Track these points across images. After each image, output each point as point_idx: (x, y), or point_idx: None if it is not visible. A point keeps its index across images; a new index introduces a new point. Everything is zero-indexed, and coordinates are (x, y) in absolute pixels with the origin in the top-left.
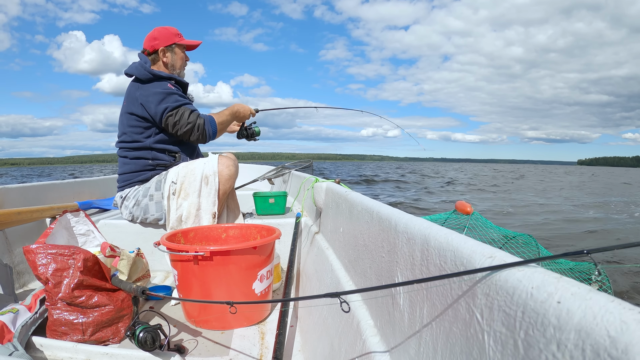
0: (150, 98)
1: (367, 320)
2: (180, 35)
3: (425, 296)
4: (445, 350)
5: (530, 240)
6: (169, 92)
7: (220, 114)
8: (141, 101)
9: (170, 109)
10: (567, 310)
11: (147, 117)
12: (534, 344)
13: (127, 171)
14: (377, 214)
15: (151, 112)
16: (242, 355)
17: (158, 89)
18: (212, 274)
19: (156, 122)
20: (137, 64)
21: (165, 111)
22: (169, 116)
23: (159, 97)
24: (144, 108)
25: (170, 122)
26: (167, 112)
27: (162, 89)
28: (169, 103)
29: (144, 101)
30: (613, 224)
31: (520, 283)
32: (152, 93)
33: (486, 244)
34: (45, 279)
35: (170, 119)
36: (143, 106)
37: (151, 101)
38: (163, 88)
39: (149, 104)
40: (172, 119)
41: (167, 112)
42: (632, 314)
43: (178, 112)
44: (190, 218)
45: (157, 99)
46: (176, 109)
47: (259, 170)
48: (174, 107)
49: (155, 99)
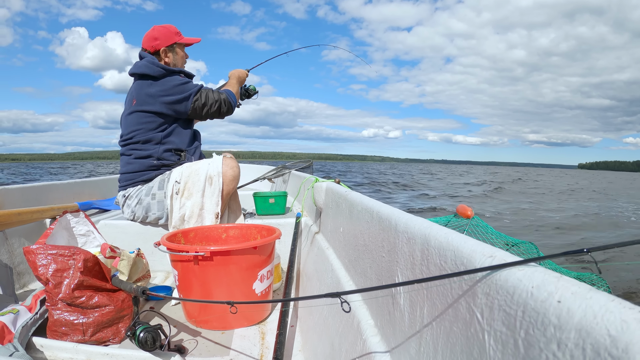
0: (171, 91)
1: (367, 320)
2: (180, 33)
3: (425, 296)
4: (446, 350)
5: (531, 248)
6: (185, 82)
7: (230, 84)
8: (161, 98)
9: (194, 94)
10: (567, 310)
11: (164, 112)
12: (534, 343)
13: (130, 170)
14: (377, 214)
15: (175, 104)
16: (242, 355)
17: (175, 82)
18: (212, 274)
19: (181, 112)
20: (144, 62)
21: (191, 97)
22: (196, 100)
23: (179, 88)
24: (164, 104)
25: (198, 106)
26: (192, 97)
27: (179, 81)
28: (191, 89)
29: (166, 95)
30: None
31: (521, 282)
32: (171, 86)
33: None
34: (45, 280)
35: (197, 103)
36: (164, 102)
37: (173, 93)
38: (179, 80)
39: (172, 96)
40: (199, 102)
41: (193, 97)
42: (633, 313)
43: (202, 95)
44: (193, 218)
45: (178, 90)
46: (199, 92)
47: (259, 170)
48: (197, 91)
49: (176, 91)
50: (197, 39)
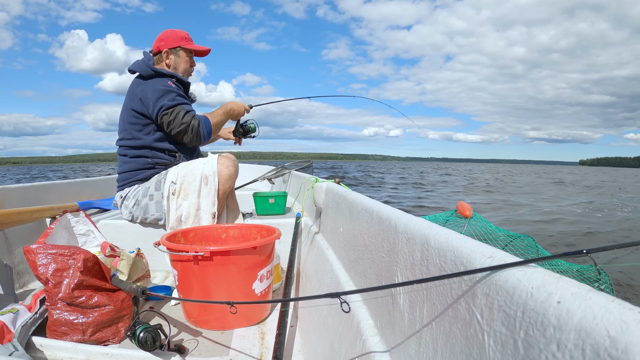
0: (149, 94)
1: (367, 320)
2: (189, 39)
3: (425, 296)
4: (445, 350)
5: (529, 241)
6: (167, 90)
7: (214, 113)
8: (140, 97)
9: (165, 108)
10: (567, 310)
11: (146, 114)
12: (534, 344)
13: (126, 170)
14: (377, 214)
15: (149, 109)
16: (242, 355)
17: (158, 86)
18: (212, 274)
19: (152, 119)
20: (140, 61)
21: (161, 110)
22: (164, 115)
23: (157, 94)
24: (142, 104)
25: (165, 121)
26: (162, 111)
27: (162, 85)
28: (165, 101)
29: (143, 97)
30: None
31: (520, 283)
32: (151, 89)
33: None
34: (45, 279)
35: (165, 118)
36: (142, 102)
37: (149, 97)
38: (163, 85)
39: (148, 100)
40: (166, 118)
41: (163, 110)
42: (632, 314)
43: (173, 112)
44: (189, 218)
45: (155, 95)
46: (172, 108)
47: (259, 170)
48: (170, 106)
49: (153, 96)
50: (206, 48)
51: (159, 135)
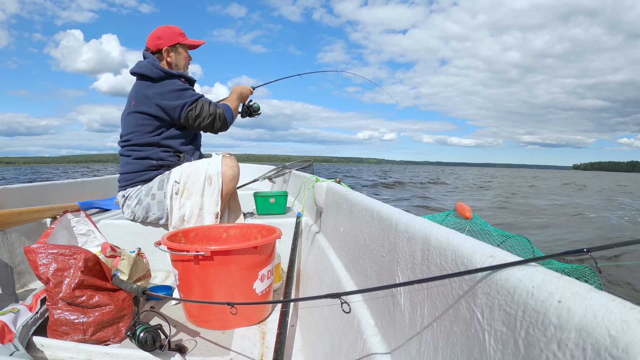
0: (167, 96)
1: (367, 320)
2: (184, 34)
3: (426, 296)
4: (446, 350)
5: (524, 242)
6: (183, 88)
7: (230, 99)
8: (156, 100)
9: (189, 104)
10: (567, 310)
11: (160, 116)
12: (534, 343)
13: (129, 171)
14: (377, 214)
15: (169, 110)
16: (242, 355)
17: (173, 87)
18: (212, 273)
19: (174, 118)
20: (145, 63)
21: (185, 106)
22: (190, 110)
23: (175, 94)
24: (159, 107)
25: (191, 116)
26: (187, 107)
27: (177, 86)
28: (187, 98)
29: (161, 99)
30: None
31: (521, 282)
32: (168, 91)
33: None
34: (46, 279)
35: (191, 113)
36: (158, 105)
37: (168, 98)
38: (177, 85)
39: (167, 101)
40: (192, 113)
41: (187, 106)
42: (633, 313)
43: (197, 106)
44: (192, 218)
45: (174, 96)
46: (194, 102)
47: (259, 170)
48: (193, 102)
49: (172, 96)
50: (201, 41)
51: (168, 133)
